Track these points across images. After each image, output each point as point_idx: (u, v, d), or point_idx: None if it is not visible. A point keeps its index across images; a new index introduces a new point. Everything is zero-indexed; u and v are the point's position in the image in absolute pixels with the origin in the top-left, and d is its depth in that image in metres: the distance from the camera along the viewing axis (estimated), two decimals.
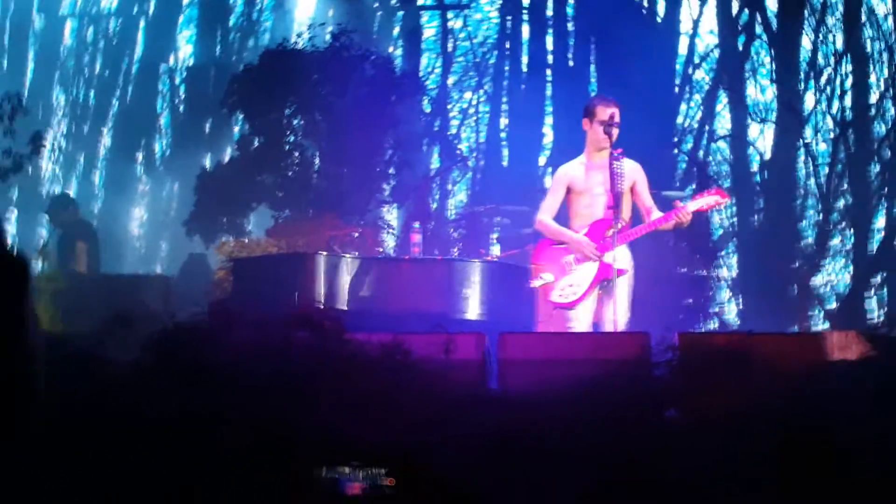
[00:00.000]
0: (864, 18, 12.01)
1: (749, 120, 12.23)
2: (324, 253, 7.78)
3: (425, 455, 3.87)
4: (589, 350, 4.99)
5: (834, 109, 11.88)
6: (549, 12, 13.29)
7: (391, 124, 10.83)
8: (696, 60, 12.73)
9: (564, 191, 6.47)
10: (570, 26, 13.17)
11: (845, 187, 11.65)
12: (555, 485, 3.88)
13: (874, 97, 11.79)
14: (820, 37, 12.13)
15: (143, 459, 3.78)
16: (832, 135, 11.84)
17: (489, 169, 13.00)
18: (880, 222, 11.47)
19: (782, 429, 4.05)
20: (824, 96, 11.93)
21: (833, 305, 11.26)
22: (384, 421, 4.19)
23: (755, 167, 12.13)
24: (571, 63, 13.02)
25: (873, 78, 11.85)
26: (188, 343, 4.70)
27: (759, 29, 12.42)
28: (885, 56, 11.81)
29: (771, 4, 12.36)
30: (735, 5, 12.53)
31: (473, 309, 7.53)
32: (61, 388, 4.22)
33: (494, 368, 4.94)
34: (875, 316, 11.00)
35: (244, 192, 10.61)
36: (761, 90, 12.36)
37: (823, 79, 12.00)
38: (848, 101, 11.87)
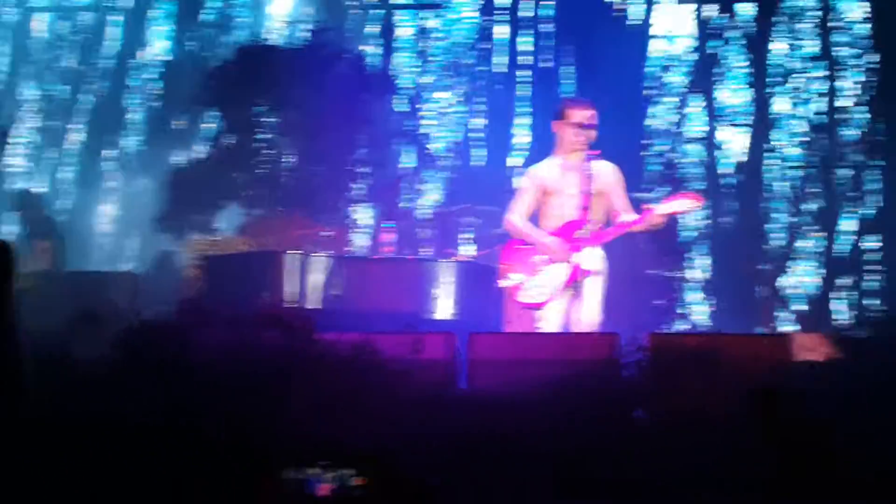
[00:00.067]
0: (837, 25, 12.11)
1: (720, 123, 12.29)
2: (294, 251, 7.75)
3: (394, 455, 3.86)
4: (558, 350, 5.00)
5: (805, 114, 11.96)
6: (525, 13, 13.31)
7: (364, 123, 10.79)
8: (669, 63, 12.78)
9: (536, 191, 6.43)
10: (546, 28, 13.19)
11: (815, 190, 11.74)
12: (523, 485, 3.88)
13: (845, 102, 11.88)
14: (792, 42, 12.21)
15: (111, 458, 3.75)
16: (802, 139, 11.93)
17: (462, 169, 12.97)
18: (850, 225, 11.56)
19: (751, 428, 4.07)
20: (795, 100, 12.01)
21: (802, 307, 11.33)
22: (353, 421, 4.17)
23: (726, 170, 12.18)
24: (546, 64, 13.04)
25: (845, 83, 11.95)
26: (156, 341, 4.68)
27: (732, 33, 12.48)
28: (857, 62, 11.91)
29: (744, 9, 12.42)
30: (708, 9, 12.58)
31: (444, 309, 7.53)
32: (28, 387, 4.19)
33: (464, 368, 4.93)
34: (843, 318, 11.09)
35: (215, 190, 10.53)
36: (733, 94, 12.42)
37: (795, 83, 12.08)
38: (819, 106, 11.96)
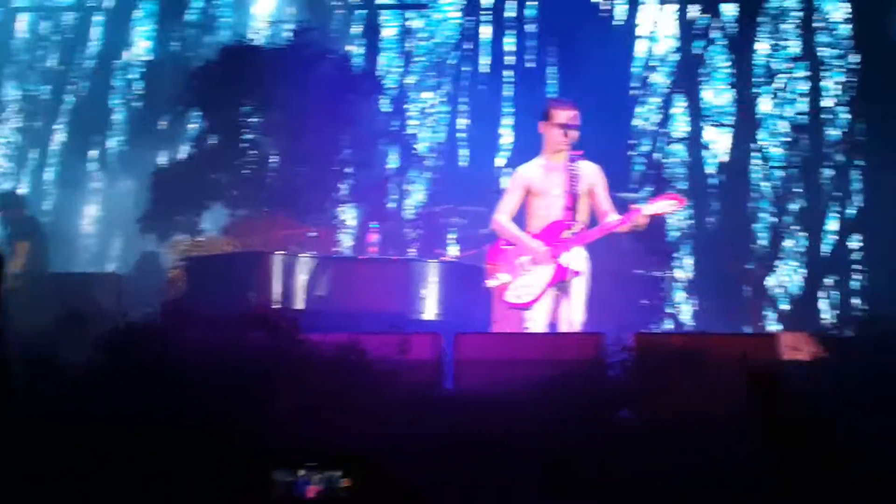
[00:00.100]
0: (820, 25, 12.16)
1: (705, 123, 12.33)
2: (279, 252, 7.72)
3: (381, 456, 3.86)
4: (544, 350, 4.99)
5: (788, 114, 12.01)
6: (510, 13, 13.32)
7: (349, 123, 10.76)
8: (654, 63, 12.81)
9: (522, 192, 6.45)
10: (531, 28, 13.21)
11: (799, 190, 11.79)
12: (510, 485, 3.88)
13: (828, 102, 11.93)
14: (776, 42, 12.26)
15: (96, 459, 3.73)
16: (786, 138, 11.98)
17: (447, 169, 12.97)
18: (833, 225, 11.61)
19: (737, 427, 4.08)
20: (779, 100, 12.06)
21: (786, 306, 11.38)
22: (340, 421, 4.16)
23: (711, 170, 12.22)
24: (531, 64, 13.05)
25: (827, 83, 12.00)
26: (140, 342, 4.66)
27: (716, 33, 12.52)
28: (840, 62, 11.97)
29: (728, 10, 12.47)
30: (692, 10, 12.62)
31: (430, 309, 7.52)
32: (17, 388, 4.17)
33: (450, 369, 4.92)
34: (827, 317, 11.14)
35: (199, 190, 10.49)
36: (717, 94, 12.46)
37: (778, 83, 12.13)
38: (802, 106, 12.01)
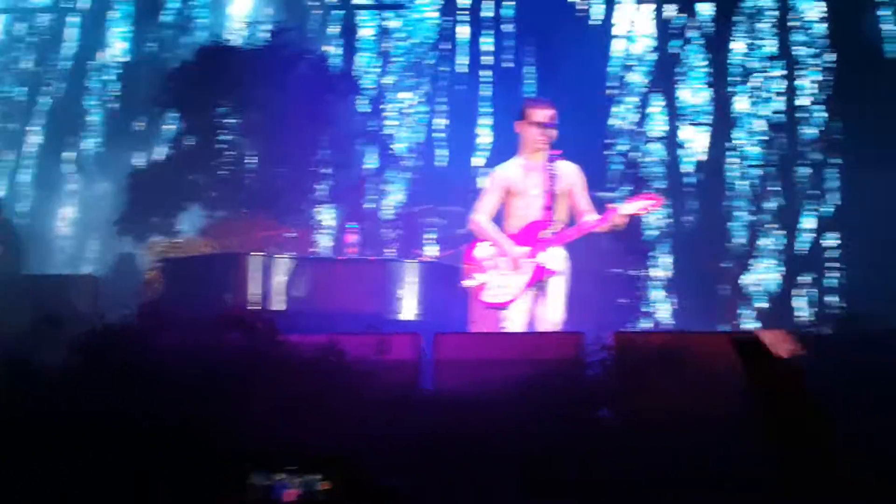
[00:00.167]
0: (795, 24, 12.22)
1: (681, 122, 12.37)
2: (257, 253, 7.69)
3: (360, 457, 3.84)
4: (523, 350, 4.99)
5: (764, 112, 12.07)
6: (487, 13, 13.32)
7: (326, 124, 10.74)
8: (630, 63, 12.84)
9: (500, 192, 6.43)
10: (507, 28, 13.22)
11: (775, 189, 11.84)
12: (490, 485, 3.87)
13: (804, 101, 11.99)
14: (752, 41, 12.31)
15: (71, 461, 3.71)
16: (763, 137, 12.03)
17: (425, 169, 12.96)
18: (809, 223, 11.67)
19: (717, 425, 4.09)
20: (755, 99, 12.12)
21: (763, 304, 11.43)
22: (318, 422, 4.15)
23: (688, 169, 12.26)
24: (508, 64, 13.06)
25: (803, 82, 12.06)
26: (117, 344, 4.63)
27: (693, 33, 12.56)
28: (815, 61, 12.03)
29: (704, 9, 12.51)
30: (669, 9, 12.65)
31: (409, 309, 7.51)
32: None
33: (429, 369, 4.92)
34: (804, 315, 11.20)
35: (176, 192, 10.45)
36: (694, 93, 12.50)
37: (754, 82, 12.19)
38: (778, 105, 12.07)
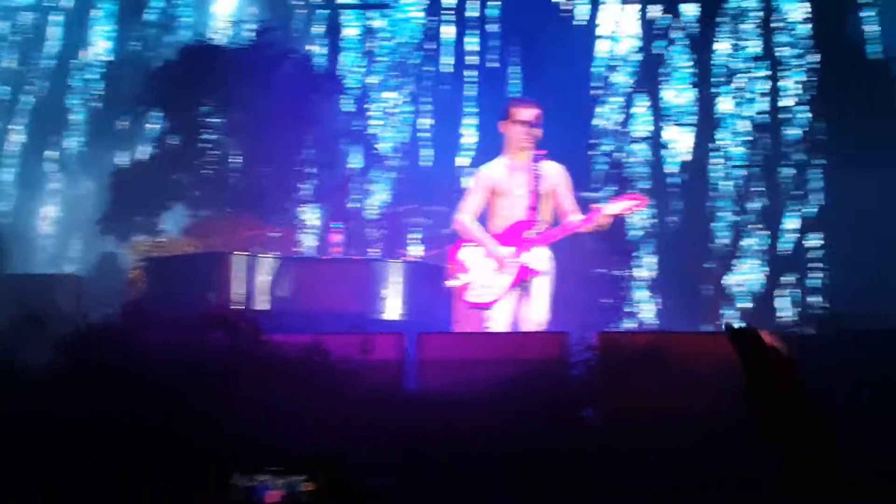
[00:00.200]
0: (779, 25, 12.27)
1: (666, 123, 12.39)
2: (241, 253, 7.67)
3: (344, 456, 3.84)
4: (507, 350, 4.99)
5: (748, 113, 12.10)
6: (472, 13, 13.32)
7: (311, 123, 10.73)
8: (615, 63, 12.86)
9: (485, 191, 6.42)
10: (492, 28, 13.22)
11: (759, 189, 11.88)
12: (473, 485, 3.87)
13: (787, 102, 12.04)
14: (736, 42, 12.35)
15: (54, 461, 3.69)
16: (746, 138, 12.07)
17: (409, 169, 12.95)
18: (792, 224, 11.72)
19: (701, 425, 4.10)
20: (739, 100, 12.15)
21: (747, 304, 11.46)
22: (302, 422, 4.14)
23: (672, 169, 12.29)
24: (493, 64, 13.07)
25: (787, 83, 12.11)
26: (101, 344, 4.62)
27: (677, 33, 12.59)
28: (799, 61, 12.08)
29: (688, 10, 12.54)
30: (653, 10, 12.68)
31: (392, 309, 7.50)
32: None
33: (412, 369, 4.91)
34: (787, 315, 11.24)
35: (160, 191, 10.42)
36: (678, 93, 12.53)
37: (738, 83, 12.22)
38: (762, 105, 12.11)
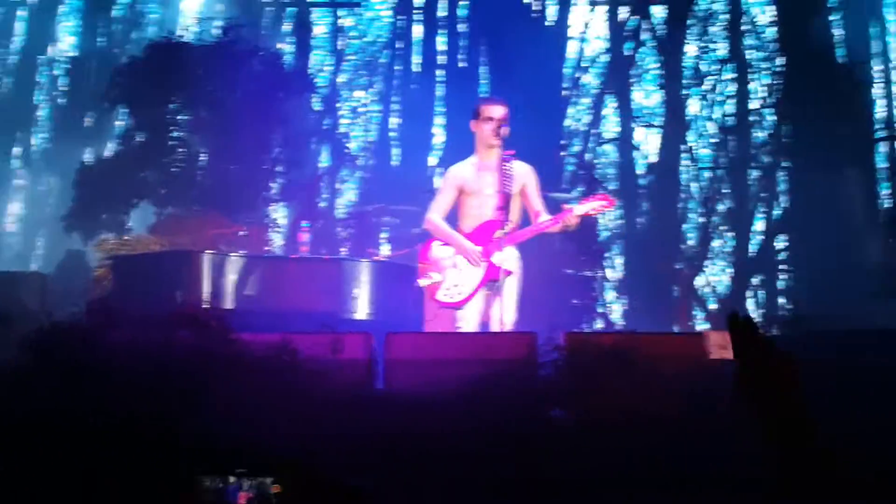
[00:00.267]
0: (747, 28, 12.37)
1: (634, 124, 12.47)
2: (209, 251, 7.63)
3: (313, 456, 3.83)
4: (476, 350, 4.99)
5: (716, 115, 12.20)
6: (441, 13, 13.33)
7: (280, 121, 10.70)
8: (585, 64, 12.92)
9: (455, 191, 6.44)
10: (462, 27, 13.23)
11: (726, 191, 11.97)
12: (442, 485, 3.87)
13: (755, 104, 12.14)
14: (704, 44, 12.44)
15: (20, 461, 3.66)
16: (714, 140, 12.16)
17: (379, 168, 12.96)
18: (759, 226, 11.82)
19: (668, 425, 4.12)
20: (707, 102, 12.24)
21: (714, 306, 11.55)
22: (270, 422, 4.12)
23: (640, 170, 12.36)
24: (463, 64, 13.08)
25: (754, 85, 12.21)
26: (66, 342, 4.57)
27: (646, 35, 12.66)
28: (766, 64, 12.18)
29: (657, 12, 12.62)
30: (623, 11, 12.75)
31: (362, 308, 7.49)
32: None
33: (381, 368, 4.90)
34: (754, 316, 11.33)
35: (126, 188, 10.35)
36: (647, 95, 12.61)
37: (706, 85, 12.31)
38: (729, 108, 12.20)
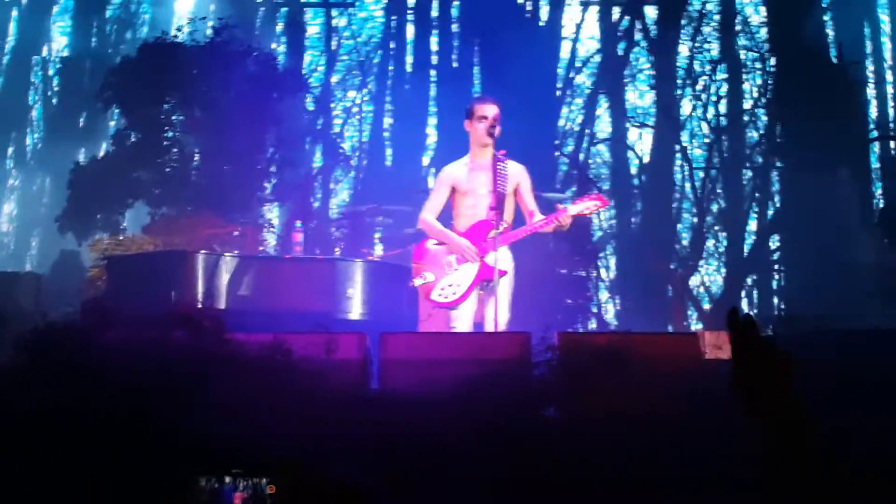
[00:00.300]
0: (739, 28, 12.39)
1: (628, 124, 12.48)
2: (203, 251, 7.63)
3: (308, 457, 3.83)
4: (470, 350, 4.99)
5: (709, 115, 12.22)
6: (434, 13, 13.34)
7: (273, 122, 10.70)
8: (578, 65, 12.94)
9: (448, 191, 6.45)
10: (455, 27, 13.24)
11: (719, 191, 11.99)
12: (436, 485, 3.88)
13: (747, 104, 12.16)
14: (697, 45, 12.46)
15: (14, 461, 3.66)
16: (707, 140, 12.17)
17: (372, 168, 12.97)
18: (752, 226, 11.84)
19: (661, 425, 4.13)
20: (700, 102, 12.26)
21: (707, 306, 11.56)
22: (264, 422, 4.13)
23: (634, 170, 12.38)
24: (455, 64, 13.09)
25: (747, 85, 12.23)
26: (60, 342, 4.57)
27: (639, 36, 12.68)
28: (758, 65, 12.21)
29: (650, 12, 12.64)
30: (616, 12, 12.77)
31: (356, 308, 7.49)
32: None
33: (376, 368, 4.91)
34: (747, 314, 11.34)
35: (120, 188, 10.34)
36: (640, 95, 12.63)
37: (699, 85, 12.33)
38: (722, 108, 12.22)
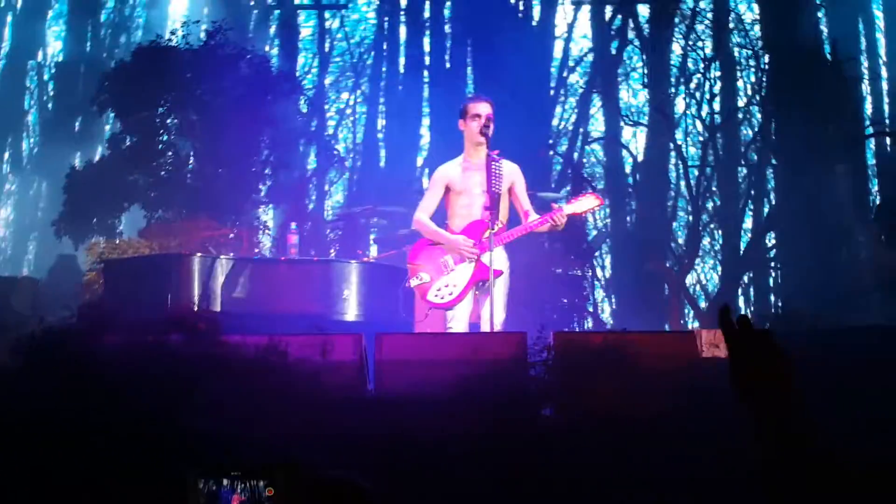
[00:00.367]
0: (732, 26, 12.40)
1: (622, 123, 12.50)
2: (198, 254, 7.64)
3: (304, 458, 3.84)
4: (466, 350, 4.99)
5: (703, 113, 12.21)
6: (427, 14, 13.35)
7: (267, 124, 10.71)
8: (571, 64, 12.96)
9: (443, 191, 6.46)
10: (447, 28, 13.25)
11: (714, 189, 12.00)
12: (432, 486, 3.89)
13: (741, 102, 12.18)
14: (690, 43, 12.47)
15: (9, 464, 3.66)
16: (701, 138, 12.18)
17: (366, 170, 12.98)
18: (747, 223, 11.86)
19: (657, 426, 4.14)
20: (694, 101, 12.26)
21: (703, 304, 11.58)
22: (260, 423, 4.13)
23: (628, 169, 12.39)
24: (448, 65, 13.10)
25: (741, 83, 12.25)
26: (57, 346, 4.57)
27: (632, 34, 12.70)
28: (752, 62, 12.22)
29: (643, 10, 12.65)
30: (608, 11, 12.78)
31: (351, 310, 7.50)
32: None
33: (371, 369, 4.91)
34: (744, 313, 11.35)
35: (115, 192, 10.35)
36: (634, 94, 12.65)
37: (693, 84, 12.34)
38: (716, 106, 12.23)
